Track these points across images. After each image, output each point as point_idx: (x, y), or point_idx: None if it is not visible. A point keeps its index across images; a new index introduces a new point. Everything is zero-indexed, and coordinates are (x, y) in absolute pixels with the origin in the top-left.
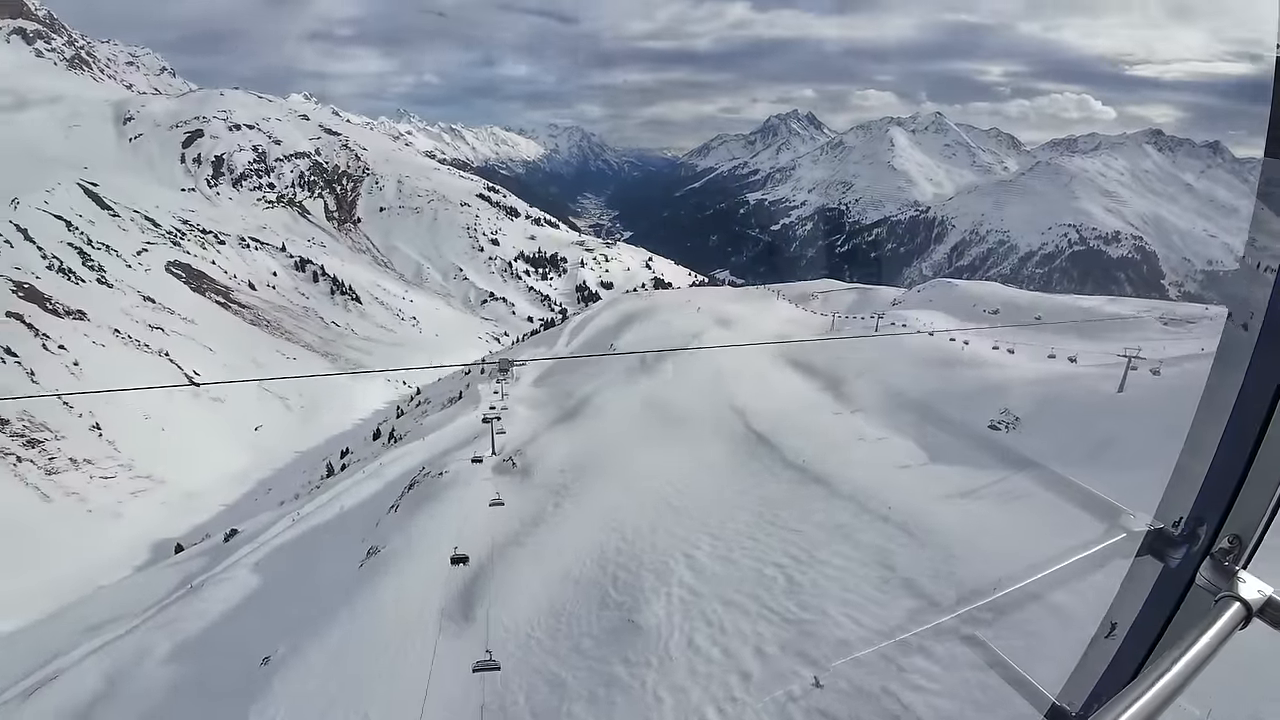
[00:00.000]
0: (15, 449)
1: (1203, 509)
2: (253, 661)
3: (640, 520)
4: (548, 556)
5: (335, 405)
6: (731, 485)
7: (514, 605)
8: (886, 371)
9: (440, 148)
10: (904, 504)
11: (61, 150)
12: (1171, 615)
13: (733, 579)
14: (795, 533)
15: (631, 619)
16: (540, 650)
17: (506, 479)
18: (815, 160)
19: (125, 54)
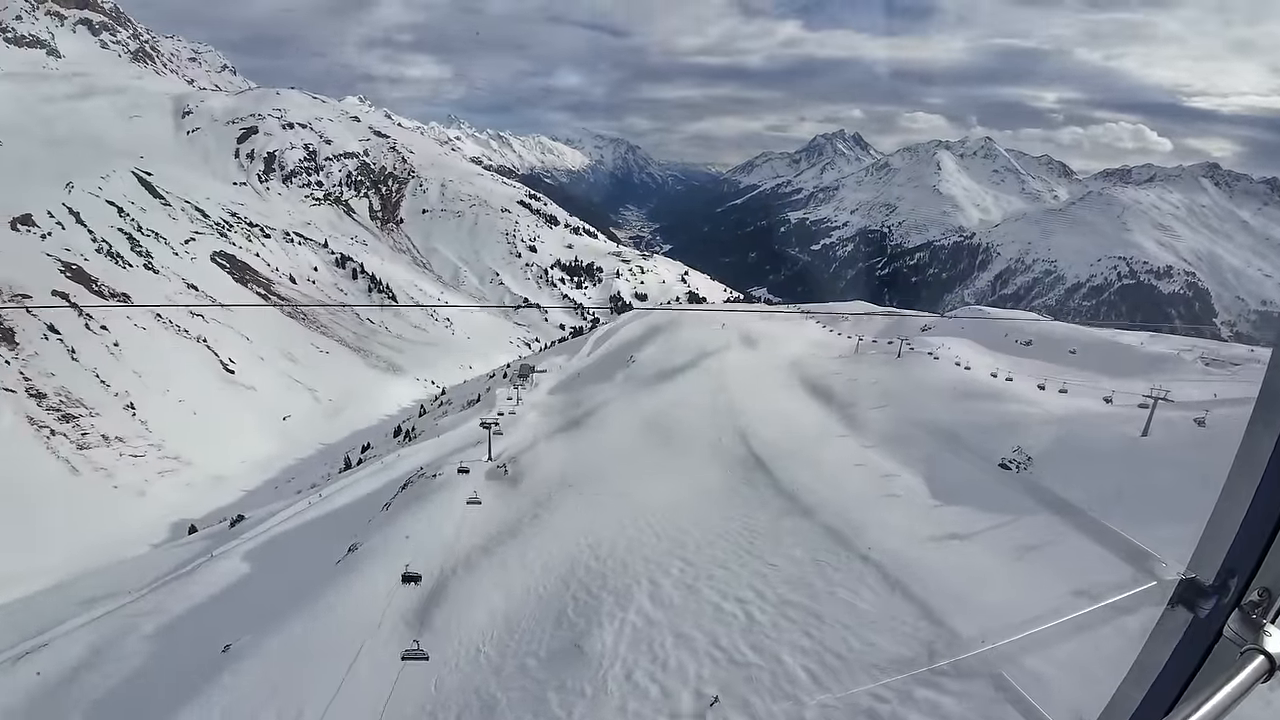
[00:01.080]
0: (50, 422)
1: (1235, 560)
2: (216, 648)
3: (617, 539)
4: (515, 569)
5: (363, 401)
6: (718, 511)
7: (472, 617)
8: (905, 401)
9: (487, 154)
10: (890, 543)
11: (120, 139)
12: (1198, 666)
13: (691, 611)
14: (770, 566)
15: (579, 644)
16: (486, 667)
17: (496, 485)
18: (859, 181)
19: (188, 50)
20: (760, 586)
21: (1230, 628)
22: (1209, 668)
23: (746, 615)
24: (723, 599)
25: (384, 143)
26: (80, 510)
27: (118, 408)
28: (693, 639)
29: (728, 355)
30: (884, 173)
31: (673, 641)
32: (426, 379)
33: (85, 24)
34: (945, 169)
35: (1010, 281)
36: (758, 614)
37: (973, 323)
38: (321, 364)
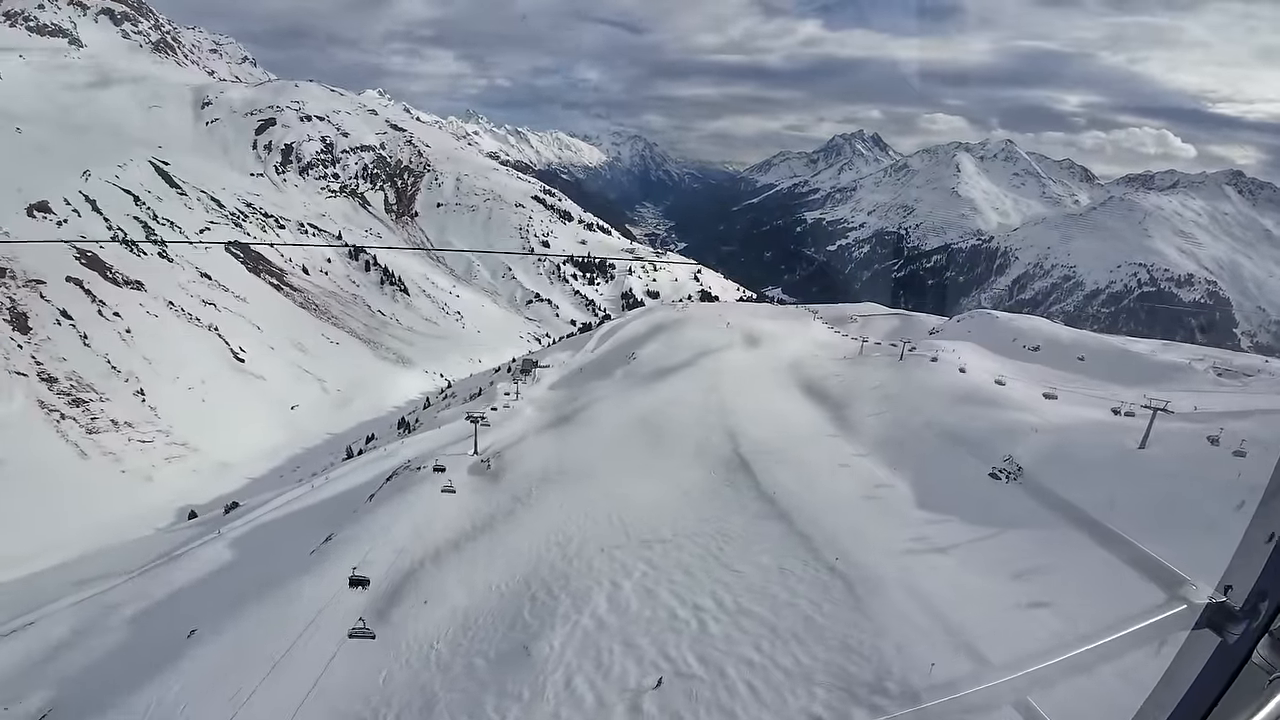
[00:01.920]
0: (61, 406)
1: (1268, 584)
2: (183, 633)
3: (588, 538)
4: (481, 565)
5: (372, 392)
6: (695, 512)
7: (432, 613)
8: (902, 405)
9: (505, 149)
10: (863, 554)
11: (139, 129)
12: (1223, 692)
13: (645, 617)
14: (735, 573)
15: (527, 646)
16: (435, 665)
17: (477, 480)
18: (878, 182)
19: (209, 41)
20: (721, 594)
21: (1259, 654)
22: (1234, 693)
23: (700, 624)
24: (680, 605)
25: (400, 136)
26: (87, 494)
27: (128, 393)
28: (640, 648)
29: (728, 354)
30: (902, 174)
31: (620, 649)
32: (435, 372)
33: (107, 14)
34: (965, 171)
35: (1028, 286)
36: (712, 623)
37: (980, 327)
38: (331, 355)
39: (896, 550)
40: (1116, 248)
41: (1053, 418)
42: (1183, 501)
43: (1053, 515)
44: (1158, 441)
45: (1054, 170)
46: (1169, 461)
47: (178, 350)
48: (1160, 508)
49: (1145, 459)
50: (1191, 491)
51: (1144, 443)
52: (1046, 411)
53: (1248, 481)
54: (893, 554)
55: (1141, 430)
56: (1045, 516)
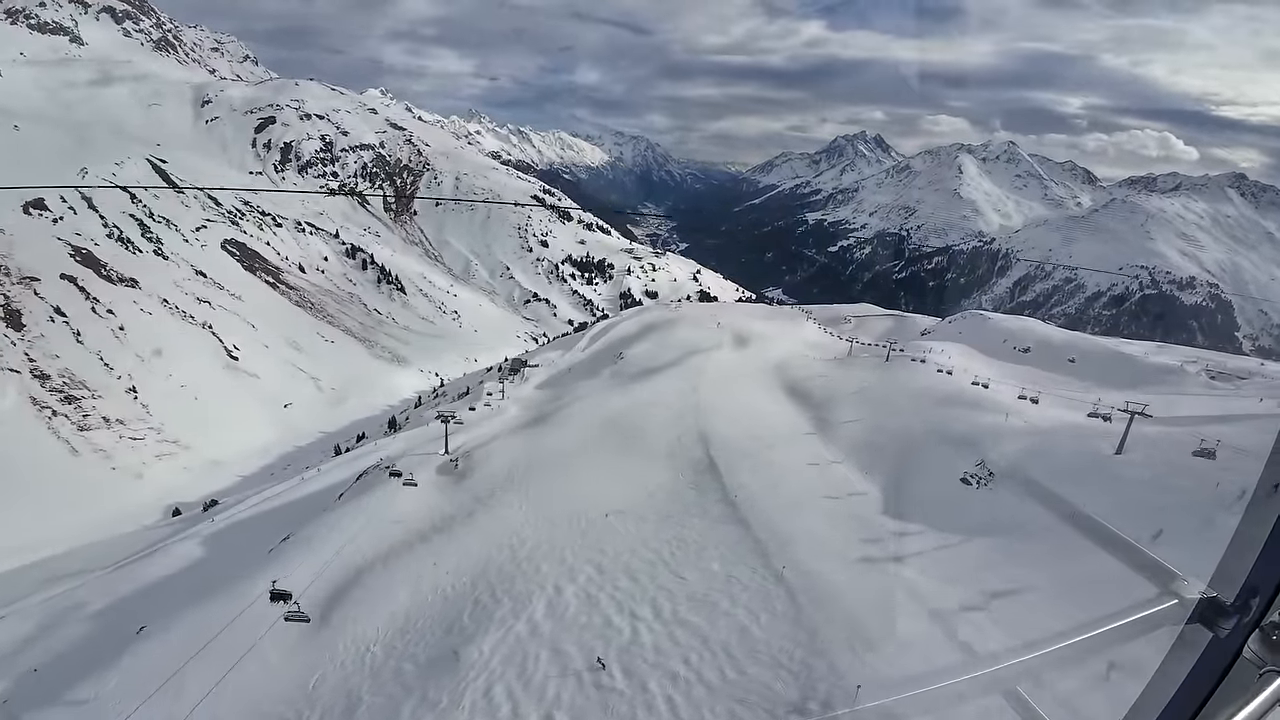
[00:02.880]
0: (53, 403)
1: (1258, 580)
2: (134, 629)
3: (541, 540)
4: (429, 567)
5: (367, 391)
6: (655, 515)
7: (373, 614)
8: (883, 407)
9: (507, 149)
10: (816, 563)
11: (139, 126)
12: (1215, 686)
13: (580, 625)
14: (680, 580)
15: (458, 651)
16: (366, 668)
17: (443, 479)
18: (880, 183)
19: (211, 40)
20: (661, 602)
21: (1250, 648)
22: (1226, 688)
23: (633, 633)
24: (617, 613)
25: (400, 135)
26: (77, 491)
27: (120, 390)
28: (568, 656)
29: (715, 354)
30: (904, 175)
31: (547, 657)
32: (431, 371)
33: (108, 12)
34: (967, 173)
35: (1029, 288)
36: (645, 633)
37: (971, 328)
38: (326, 353)
39: (852, 558)
40: (1118, 250)
41: (1037, 421)
42: (1154, 511)
43: (1020, 524)
44: (1135, 447)
45: (1056, 172)
46: (1144, 468)
47: (171, 347)
48: (1130, 517)
49: (1120, 465)
50: (1164, 501)
51: (1120, 448)
52: (1029, 414)
53: (1227, 491)
54: (848, 562)
55: (1111, 434)
56: (1012, 525)
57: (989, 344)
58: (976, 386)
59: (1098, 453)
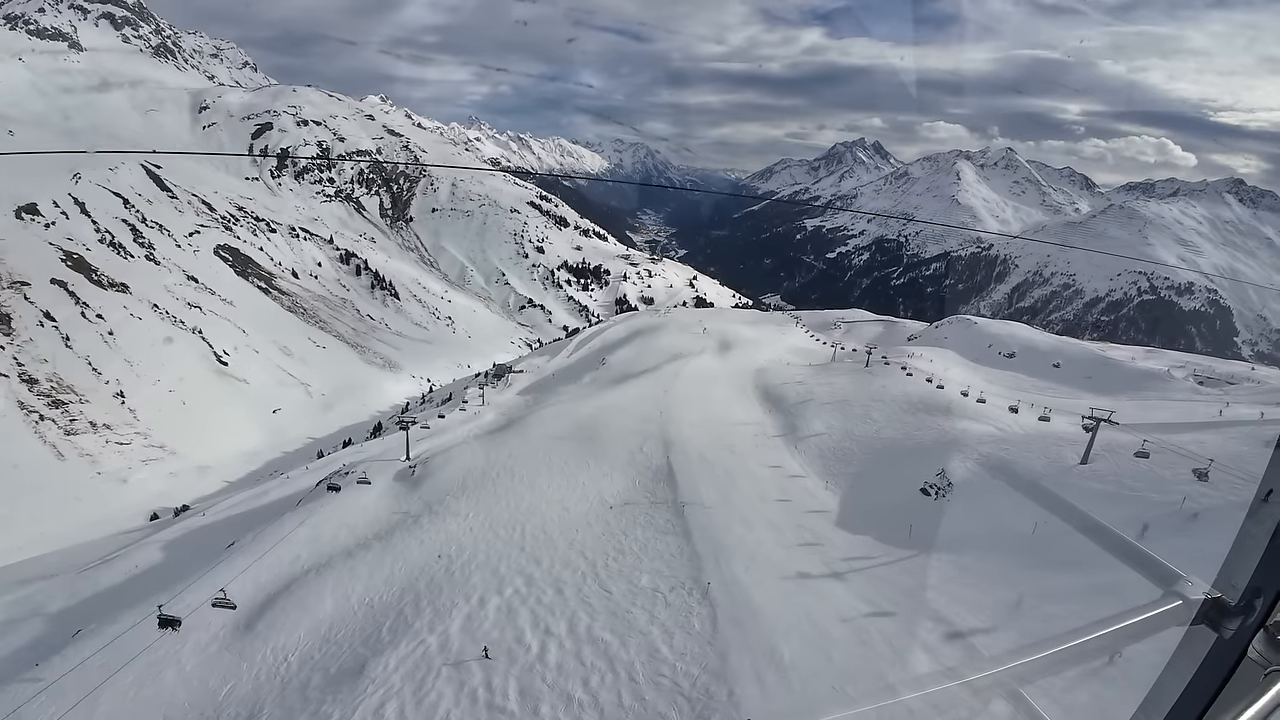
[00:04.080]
0: (40, 408)
1: (1262, 580)
2: (70, 633)
3: (478, 550)
4: (363, 575)
5: (357, 396)
6: (601, 525)
7: (299, 623)
8: (855, 413)
9: (506, 155)
10: (749, 577)
11: (135, 132)
12: (1220, 687)
13: (491, 640)
14: (605, 594)
15: (364, 666)
16: (277, 679)
17: (399, 486)
18: (878, 190)
19: (211, 46)
20: (580, 617)
21: (1255, 649)
22: (1231, 689)
23: (541, 650)
24: (532, 629)
25: (397, 141)
26: (61, 495)
27: (107, 395)
28: (469, 674)
29: (695, 360)
30: (903, 181)
31: (447, 674)
32: (423, 377)
33: (108, 18)
34: (965, 179)
35: (1028, 294)
36: (554, 651)
37: (958, 333)
38: (317, 359)
39: (789, 573)
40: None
41: (1012, 428)
42: (1115, 524)
43: (971, 538)
44: (1102, 456)
45: (1054, 178)
46: (1107, 480)
47: (160, 353)
48: (1085, 534)
49: (1083, 476)
50: (1117, 515)
51: (1085, 457)
52: (1002, 420)
53: (1194, 506)
54: (784, 578)
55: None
56: (963, 540)
57: (974, 349)
58: (953, 393)
59: (1062, 462)
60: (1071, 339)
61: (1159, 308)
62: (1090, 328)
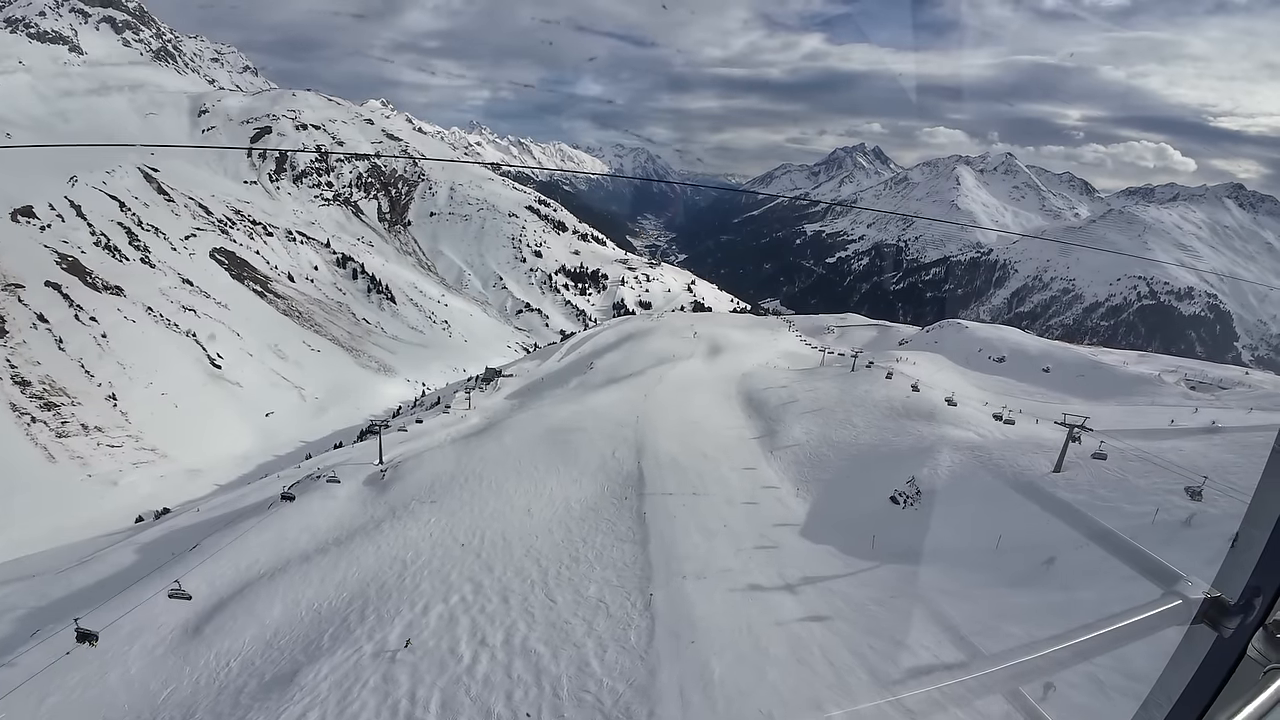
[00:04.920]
0: (32, 410)
1: (1261, 579)
2: (30, 631)
3: (433, 556)
4: (315, 580)
5: (351, 400)
6: (561, 532)
7: (245, 628)
8: (835, 418)
9: (507, 160)
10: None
11: (134, 135)
12: (1221, 686)
13: (426, 650)
14: (549, 604)
15: (296, 673)
16: (216, 683)
17: (368, 490)
18: (878, 195)
19: (211, 50)
20: (519, 627)
21: (1254, 647)
22: (1232, 687)
23: (472, 661)
24: (469, 638)
25: (395, 146)
26: (51, 498)
27: (99, 398)
28: (396, 684)
29: (683, 364)
30: (903, 187)
31: (374, 684)
32: (418, 381)
33: (109, 22)
34: (965, 184)
35: (1027, 299)
36: (485, 662)
37: (948, 337)
38: (312, 362)
39: (740, 585)
40: (1116, 260)
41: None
42: (1068, 543)
43: (931, 551)
44: (1076, 464)
45: (1054, 183)
46: (1079, 489)
47: (153, 355)
48: (1047, 547)
49: (1054, 485)
50: (1095, 527)
51: (1059, 465)
52: (984, 426)
53: (1168, 519)
54: (734, 589)
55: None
56: (925, 551)
57: (964, 354)
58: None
59: (1035, 470)
60: (1061, 343)
61: (1159, 313)
62: (1090, 332)
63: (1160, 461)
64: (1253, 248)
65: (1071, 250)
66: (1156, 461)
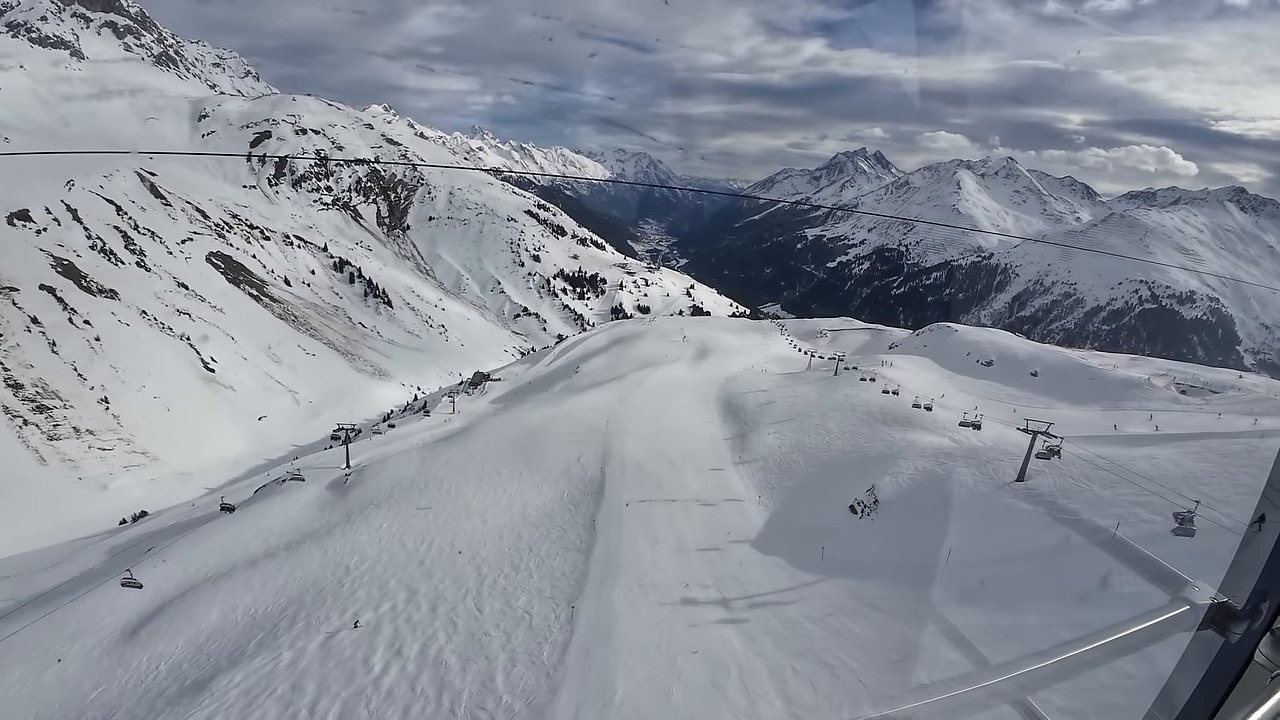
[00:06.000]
0: (24, 413)
1: (1268, 584)
2: None
3: (377, 562)
4: (258, 585)
5: (345, 404)
6: (513, 538)
7: (180, 632)
8: (809, 423)
9: (509, 165)
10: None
11: (134, 140)
12: (1228, 691)
13: (341, 659)
14: (474, 614)
15: (211, 680)
16: (141, 686)
17: (328, 494)
18: (879, 199)
19: (213, 55)
20: (438, 637)
21: (1261, 652)
22: (1239, 693)
23: (381, 672)
24: (386, 648)
25: (395, 150)
26: (41, 499)
27: (92, 401)
28: (302, 693)
29: (668, 368)
30: (904, 191)
31: (282, 692)
32: (413, 384)
33: (110, 27)
34: (966, 188)
35: (1028, 303)
36: (393, 673)
37: (937, 341)
38: (306, 366)
39: (673, 598)
40: (1118, 264)
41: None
42: (1020, 558)
43: (879, 564)
44: (1042, 472)
45: (1055, 187)
46: (1040, 500)
47: (147, 359)
48: (996, 562)
49: (1015, 494)
50: (1042, 544)
51: (1022, 474)
52: (960, 432)
53: (1131, 533)
54: (664, 603)
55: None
56: (870, 565)
57: (952, 357)
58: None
59: (997, 478)
60: (1051, 346)
61: (1160, 317)
62: (1091, 337)
63: (1120, 472)
64: (1255, 251)
65: (1073, 254)
66: (1116, 473)
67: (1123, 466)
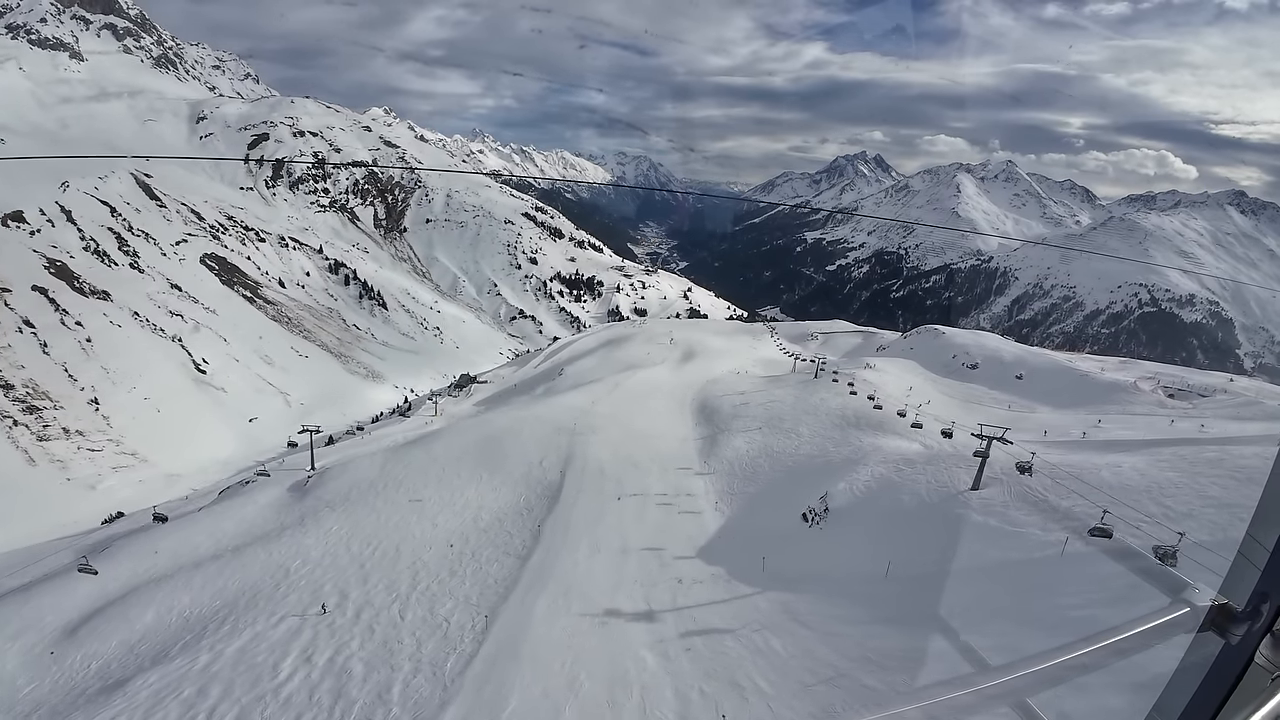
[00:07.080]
0: (14, 413)
1: (1268, 586)
2: None
3: (318, 566)
4: (198, 587)
5: (337, 406)
6: (460, 542)
7: (115, 632)
8: (782, 427)
9: (509, 167)
10: (545, 610)
11: (132, 142)
12: (1229, 693)
13: (253, 664)
14: (395, 622)
15: (127, 681)
16: (68, 684)
17: (287, 496)
18: (879, 203)
19: (212, 58)
20: (351, 645)
21: (1262, 654)
22: (1239, 695)
23: (286, 679)
24: (299, 654)
25: (393, 153)
26: (29, 500)
27: (82, 402)
28: (206, 697)
29: (650, 371)
30: (903, 194)
31: (187, 695)
32: (406, 386)
33: (110, 29)
34: (965, 192)
35: (1028, 307)
36: (297, 680)
37: (924, 343)
38: (299, 368)
39: (597, 610)
40: (1117, 268)
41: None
42: (973, 576)
43: (817, 577)
44: (998, 480)
45: (1055, 191)
46: (992, 510)
47: (138, 360)
48: (938, 577)
49: (966, 504)
50: (992, 557)
51: (977, 482)
52: (931, 437)
53: (1079, 550)
54: (586, 615)
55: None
56: (808, 578)
57: (938, 360)
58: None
59: (952, 488)
60: (1038, 349)
61: (1160, 320)
62: (1091, 340)
63: (1076, 486)
64: (1255, 254)
65: (1072, 258)
66: (1076, 488)
67: (1078, 478)
